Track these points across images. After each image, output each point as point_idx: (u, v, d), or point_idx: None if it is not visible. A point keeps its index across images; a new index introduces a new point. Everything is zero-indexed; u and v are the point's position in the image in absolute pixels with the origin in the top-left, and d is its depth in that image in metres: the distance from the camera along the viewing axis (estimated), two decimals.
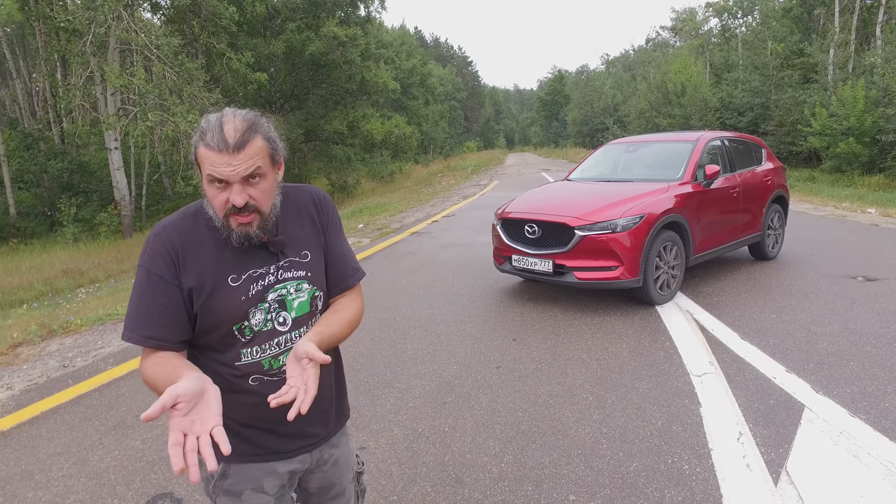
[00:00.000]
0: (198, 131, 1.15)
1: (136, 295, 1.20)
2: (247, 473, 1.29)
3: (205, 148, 1.12)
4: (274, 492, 1.32)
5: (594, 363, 3.79)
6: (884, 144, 16.61)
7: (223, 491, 1.29)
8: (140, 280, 1.20)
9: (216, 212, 1.18)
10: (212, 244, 1.21)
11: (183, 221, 1.23)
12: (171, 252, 1.18)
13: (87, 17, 13.45)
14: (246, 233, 1.18)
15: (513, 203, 5.68)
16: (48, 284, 10.04)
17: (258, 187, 1.17)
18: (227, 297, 1.19)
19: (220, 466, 1.28)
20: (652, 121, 34.03)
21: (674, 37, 48.84)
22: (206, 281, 1.19)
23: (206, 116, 1.16)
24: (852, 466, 2.49)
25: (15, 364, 4.31)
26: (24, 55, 26.29)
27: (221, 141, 1.11)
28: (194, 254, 1.20)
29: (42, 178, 19.19)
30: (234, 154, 1.11)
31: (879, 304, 4.79)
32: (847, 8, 21.83)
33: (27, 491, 2.60)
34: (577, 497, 2.38)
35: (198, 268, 1.19)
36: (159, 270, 1.18)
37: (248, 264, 1.23)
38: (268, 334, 1.24)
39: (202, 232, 1.22)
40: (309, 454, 1.37)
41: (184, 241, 1.20)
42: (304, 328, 1.30)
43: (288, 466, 1.33)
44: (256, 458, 1.29)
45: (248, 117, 1.17)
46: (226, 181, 1.13)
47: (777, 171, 6.79)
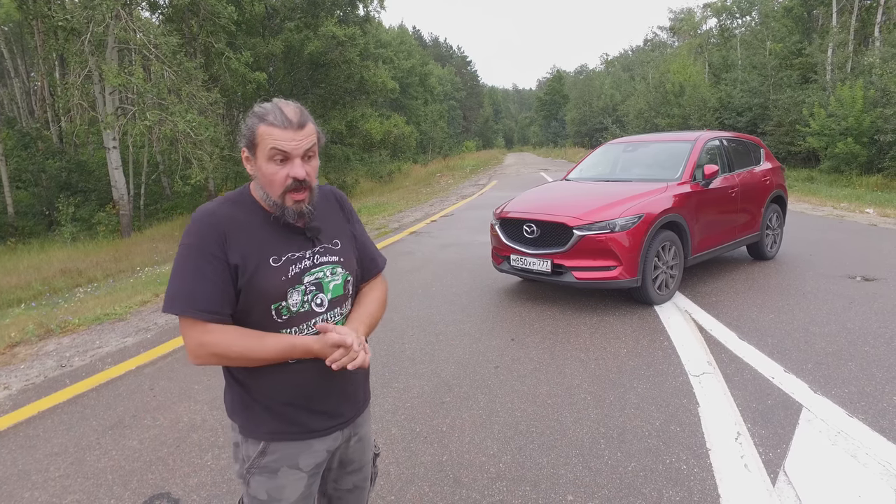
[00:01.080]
0: (252, 116, 1.27)
1: (186, 270, 1.25)
2: (284, 451, 1.36)
3: (268, 126, 1.24)
4: (309, 469, 1.39)
5: (592, 363, 3.79)
6: (882, 144, 16.63)
7: (260, 469, 1.36)
8: (190, 257, 1.25)
9: (273, 190, 1.28)
10: (254, 226, 1.30)
11: (226, 205, 1.33)
12: (219, 231, 1.26)
13: (86, 15, 13.43)
14: (300, 209, 1.30)
15: (511, 203, 5.68)
16: (46, 284, 10.03)
17: (311, 164, 1.30)
18: (268, 277, 1.27)
19: (260, 445, 1.35)
20: (651, 121, 34.05)
21: (672, 37, 48.87)
22: (249, 259, 1.27)
23: (259, 104, 1.29)
24: (850, 466, 2.49)
25: (12, 364, 4.30)
26: (22, 54, 26.24)
27: (286, 119, 1.24)
28: (238, 234, 1.28)
29: (40, 178, 19.17)
30: (298, 131, 1.25)
31: (878, 304, 4.79)
32: (846, 8, 21.86)
33: (24, 491, 2.59)
34: (574, 497, 2.38)
35: (242, 247, 1.27)
36: (209, 247, 1.25)
37: (288, 247, 1.32)
38: (305, 315, 1.32)
39: (245, 214, 1.31)
40: (341, 432, 1.45)
41: (229, 222, 1.28)
42: (338, 309, 1.39)
43: (323, 444, 1.41)
44: (294, 436, 1.36)
45: (299, 105, 1.31)
46: (288, 155, 1.25)
47: (775, 171, 6.80)
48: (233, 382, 1.38)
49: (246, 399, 1.36)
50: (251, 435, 1.36)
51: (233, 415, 1.41)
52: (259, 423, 1.35)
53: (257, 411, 1.35)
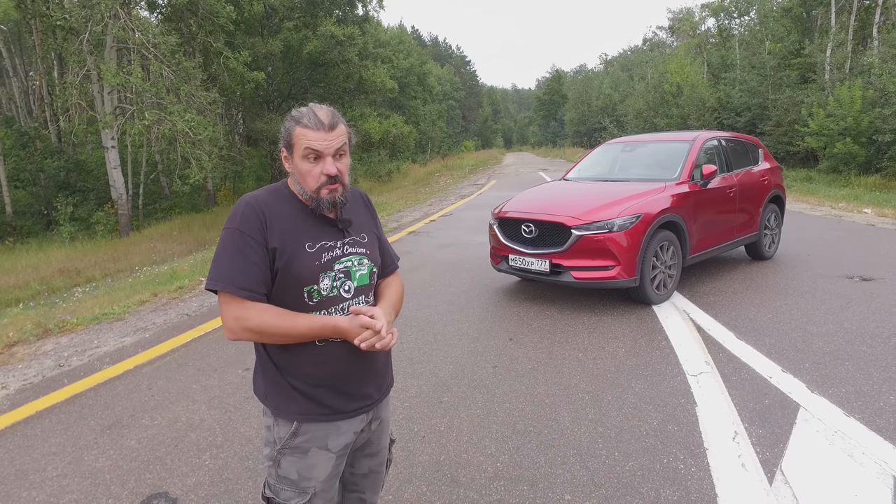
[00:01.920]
0: (289, 119, 1.40)
1: (228, 252, 1.37)
2: (314, 432, 1.45)
3: (303, 128, 1.37)
4: (337, 450, 1.48)
5: (590, 363, 3.79)
6: (880, 145, 16.65)
7: (291, 450, 1.45)
8: (232, 239, 1.37)
9: (308, 185, 1.40)
10: (292, 215, 1.42)
11: (267, 194, 1.45)
12: (260, 216, 1.38)
13: (84, 15, 13.41)
14: (333, 199, 1.41)
15: (510, 203, 5.68)
16: (44, 283, 10.01)
17: (342, 162, 1.43)
18: (303, 261, 1.39)
19: (293, 426, 1.44)
20: (650, 121, 34.08)
21: (671, 37, 48.88)
22: (287, 243, 1.38)
23: (296, 109, 1.42)
24: (847, 466, 2.50)
25: (10, 363, 4.30)
26: (20, 53, 26.20)
27: (318, 122, 1.37)
28: (277, 220, 1.40)
29: (38, 177, 19.15)
30: (329, 132, 1.38)
31: (875, 303, 4.80)
32: (844, 8, 21.88)
33: (21, 491, 2.59)
34: (572, 497, 2.38)
35: (281, 232, 1.39)
36: (251, 231, 1.37)
37: (321, 236, 1.44)
38: (334, 299, 1.43)
39: (283, 204, 1.43)
40: (366, 414, 1.54)
41: (270, 209, 1.40)
42: (363, 296, 1.50)
43: (351, 426, 1.50)
44: (324, 417, 1.45)
45: (332, 109, 1.43)
46: (321, 154, 1.38)
47: (774, 171, 6.81)
48: (267, 363, 1.47)
49: (279, 380, 1.45)
50: (283, 416, 1.45)
51: (265, 398, 1.48)
52: (290, 403, 1.44)
53: (289, 392, 1.44)
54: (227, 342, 4.43)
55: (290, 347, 1.42)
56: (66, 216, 16.53)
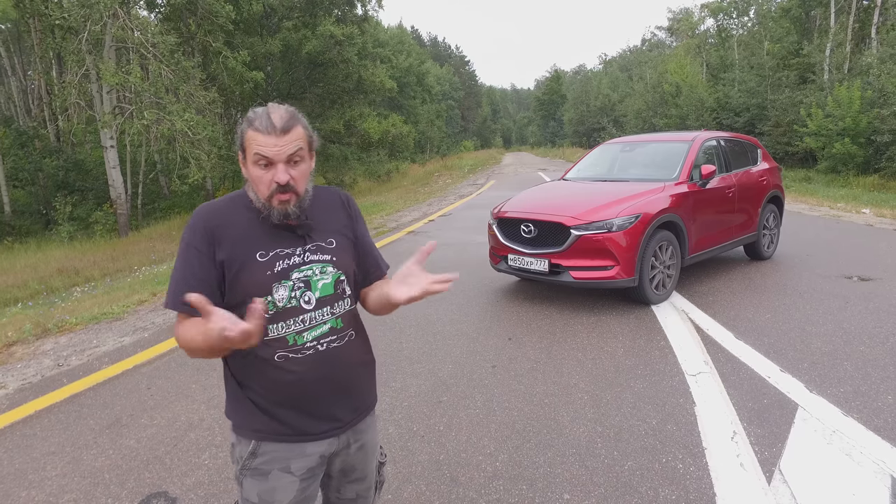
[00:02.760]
0: (244, 121, 1.31)
1: (177, 267, 1.33)
2: (276, 453, 1.36)
3: (253, 131, 1.27)
4: (300, 473, 1.37)
5: (589, 362, 3.80)
6: (879, 145, 16.68)
7: (251, 471, 1.36)
8: (181, 252, 1.33)
9: (260, 193, 1.31)
10: (246, 223, 1.35)
11: (222, 204, 1.39)
12: (209, 227, 1.32)
13: (83, 14, 13.39)
14: (285, 210, 1.31)
15: (509, 202, 5.68)
16: (43, 283, 10.00)
17: (298, 169, 1.31)
18: (254, 271, 1.31)
19: (251, 445, 1.36)
20: (649, 121, 34.11)
21: (670, 37, 48.90)
22: (237, 254, 1.31)
23: (253, 109, 1.32)
24: (845, 465, 2.50)
25: (9, 363, 4.30)
26: (19, 53, 26.17)
27: (270, 125, 1.26)
28: (229, 231, 1.33)
29: (37, 177, 19.13)
30: (281, 136, 1.27)
31: (873, 303, 4.81)
32: (843, 9, 21.91)
33: (21, 490, 2.59)
34: (571, 496, 2.39)
35: (231, 243, 1.32)
36: (197, 244, 1.31)
37: (277, 244, 1.35)
38: (292, 311, 1.33)
39: (239, 212, 1.36)
40: (336, 438, 1.42)
41: (221, 219, 1.34)
42: (328, 308, 1.38)
43: (317, 449, 1.39)
44: (286, 437, 1.36)
45: (290, 109, 1.33)
46: (271, 160, 1.27)
47: (772, 171, 6.82)
48: (229, 377, 1.40)
49: (239, 395, 1.38)
50: (241, 433, 1.38)
51: (228, 412, 1.42)
52: (249, 420, 1.36)
53: (248, 408, 1.36)
54: None
55: (248, 362, 1.33)
56: (64, 216, 16.52)
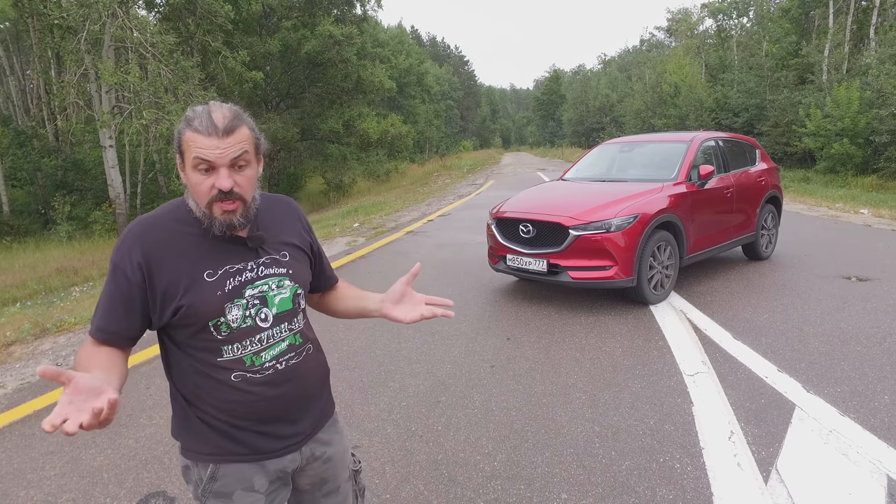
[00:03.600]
0: (182, 121, 1.17)
1: (104, 290, 1.21)
2: (236, 474, 1.27)
3: (192, 132, 1.14)
4: (264, 489, 1.30)
5: (588, 362, 3.80)
6: (877, 145, 16.71)
7: (213, 494, 1.27)
8: (109, 275, 1.20)
9: (199, 200, 1.18)
10: (189, 240, 1.21)
11: (162, 217, 1.24)
12: (143, 252, 1.17)
13: (82, 14, 13.38)
14: (230, 220, 1.19)
15: (508, 203, 5.69)
16: (42, 283, 10.01)
17: (243, 174, 1.18)
18: (202, 293, 1.18)
19: (210, 469, 1.27)
20: (648, 121, 34.14)
21: (669, 37, 48.93)
22: (181, 278, 1.18)
23: (192, 108, 1.18)
24: (842, 465, 2.51)
25: (8, 362, 4.30)
26: (17, 52, 26.13)
27: (211, 125, 1.13)
28: (168, 251, 1.19)
29: (36, 176, 19.11)
30: (223, 138, 1.14)
31: (871, 304, 4.82)
32: (842, 9, 21.94)
33: (19, 490, 2.60)
34: (569, 495, 2.40)
35: (172, 266, 1.18)
36: (125, 268, 1.17)
37: (226, 260, 1.22)
38: (248, 331, 1.23)
39: (177, 227, 1.22)
40: (298, 452, 1.36)
41: (157, 238, 1.20)
42: (286, 324, 1.29)
43: (277, 465, 1.32)
44: (244, 457, 1.27)
45: (234, 108, 1.19)
46: (213, 164, 1.14)
47: (771, 171, 6.83)
48: (176, 396, 1.28)
49: (189, 416, 1.27)
50: (194, 457, 1.28)
51: (176, 433, 1.30)
52: (203, 443, 1.26)
53: (201, 430, 1.26)
54: None
55: (201, 382, 1.23)
56: (63, 215, 16.50)
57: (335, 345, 4.30)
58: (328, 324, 4.82)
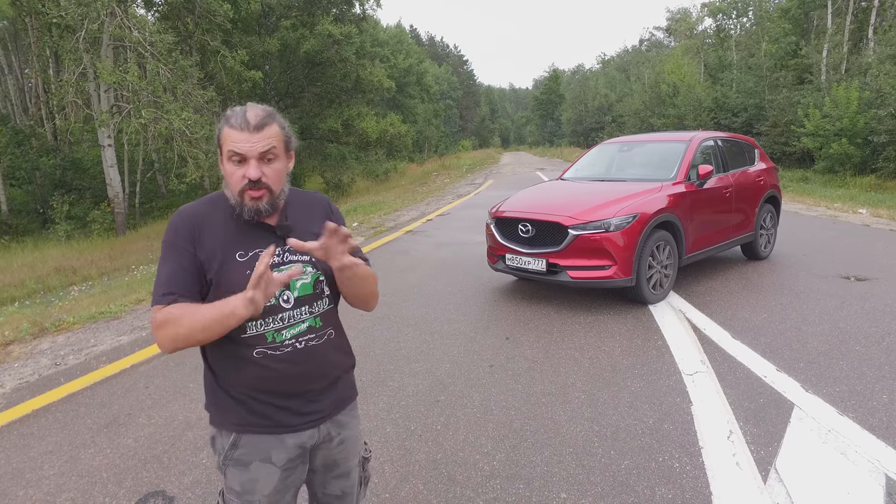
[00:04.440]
0: (222, 118, 1.35)
1: (160, 266, 1.36)
2: (255, 445, 1.39)
3: (228, 128, 1.32)
4: (282, 464, 1.41)
5: (587, 362, 3.81)
6: (876, 146, 16.73)
7: (233, 461, 1.40)
8: (164, 251, 1.36)
9: (232, 188, 1.34)
10: (225, 224, 1.38)
11: (202, 205, 1.42)
12: (189, 227, 1.36)
13: (80, 13, 13.36)
14: (256, 206, 1.34)
15: (507, 202, 5.69)
16: (40, 282, 9.99)
17: (271, 166, 1.34)
18: (234, 271, 1.33)
19: (232, 437, 1.39)
20: (647, 121, 34.15)
21: (668, 37, 48.96)
22: (216, 254, 1.34)
23: (231, 108, 1.36)
24: (840, 464, 2.52)
25: (7, 362, 4.29)
26: (16, 51, 26.08)
27: (244, 122, 1.30)
28: (209, 230, 1.36)
29: (34, 175, 19.09)
30: (254, 133, 1.30)
31: (869, 303, 4.83)
32: (841, 10, 21.97)
33: (18, 489, 2.59)
34: (568, 495, 2.40)
35: (210, 243, 1.35)
36: (179, 242, 1.35)
37: (256, 244, 1.36)
38: (271, 309, 1.36)
39: (217, 213, 1.39)
40: (316, 429, 1.45)
41: (201, 220, 1.37)
42: (306, 307, 1.41)
43: (296, 440, 1.42)
44: (264, 429, 1.39)
45: (268, 108, 1.36)
46: (244, 157, 1.31)
47: (769, 171, 6.84)
48: (207, 371, 1.44)
49: (216, 388, 1.41)
50: (220, 425, 1.42)
51: (207, 405, 1.45)
52: (228, 413, 1.40)
53: (226, 402, 1.40)
54: None
55: (228, 357, 1.37)
56: (62, 214, 16.48)
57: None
58: None
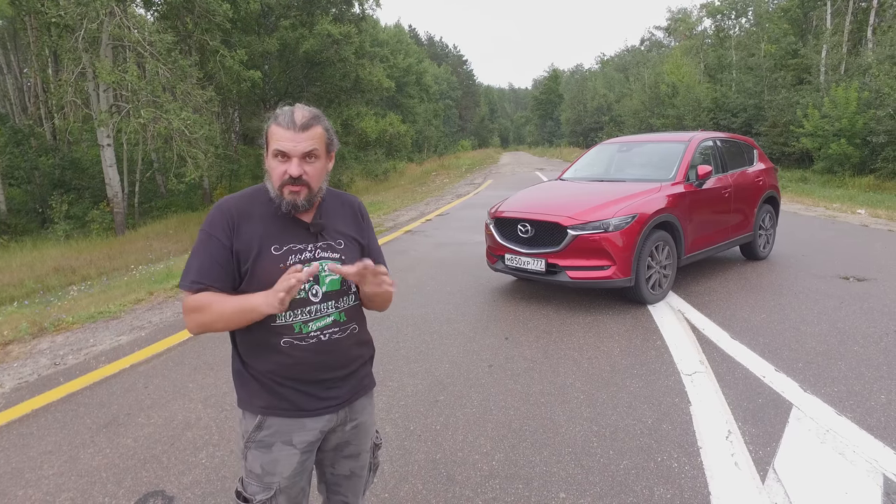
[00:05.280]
0: (271, 117, 1.42)
1: (194, 253, 1.43)
2: (278, 427, 1.47)
3: (276, 126, 1.39)
4: (302, 447, 1.49)
5: (586, 362, 3.81)
6: (874, 146, 16.75)
7: (255, 443, 1.47)
8: (200, 240, 1.44)
9: (274, 182, 1.41)
10: (263, 218, 1.44)
11: (241, 198, 1.48)
12: (228, 219, 1.42)
13: (79, 12, 13.35)
14: (294, 201, 1.41)
15: (506, 202, 5.70)
16: (39, 282, 9.98)
17: (312, 165, 1.41)
18: (268, 263, 1.40)
19: (257, 419, 1.47)
20: (646, 121, 34.17)
21: (668, 37, 48.99)
22: (252, 246, 1.41)
23: (281, 108, 1.42)
24: (838, 464, 2.53)
25: (6, 362, 4.29)
26: (15, 50, 26.05)
27: (291, 121, 1.38)
28: (246, 223, 1.43)
29: (33, 175, 19.07)
30: (299, 133, 1.37)
31: (867, 303, 4.84)
32: (839, 10, 21.99)
33: (17, 489, 2.59)
34: (567, 495, 2.40)
35: (248, 235, 1.42)
36: (215, 232, 1.42)
37: (291, 239, 1.44)
38: (301, 301, 1.43)
39: (256, 207, 1.46)
40: (335, 414, 1.53)
41: (239, 212, 1.44)
42: (333, 302, 1.49)
43: (316, 424, 1.50)
44: (287, 412, 1.47)
45: (314, 110, 1.44)
46: (288, 155, 1.38)
47: (768, 171, 6.85)
48: (236, 357, 1.53)
49: (244, 373, 1.50)
50: (247, 408, 1.50)
51: (236, 387, 1.54)
52: (254, 396, 1.48)
53: (253, 386, 1.48)
54: (224, 340, 4.42)
55: (256, 344, 1.46)
56: (61, 214, 16.46)
57: None
58: None
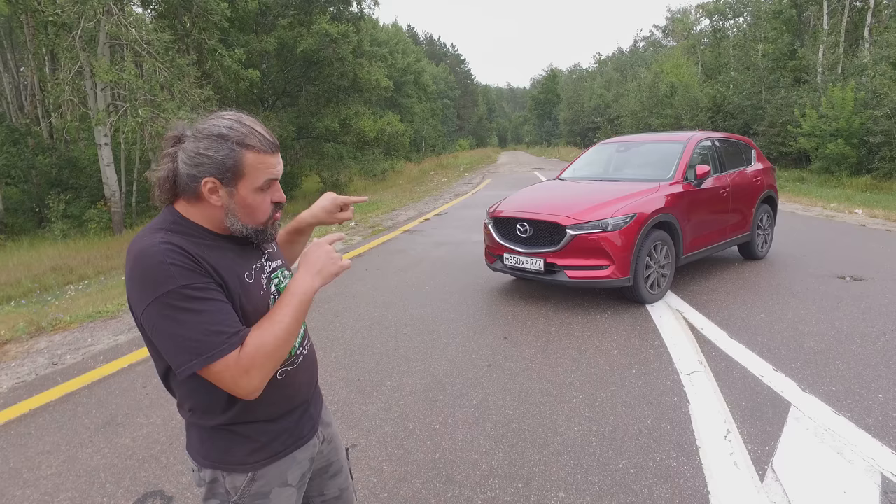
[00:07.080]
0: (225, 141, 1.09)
1: (190, 316, 1.04)
2: (273, 472, 1.28)
3: (257, 153, 1.11)
4: (296, 482, 1.34)
5: (584, 361, 3.82)
6: (871, 146, 16.81)
7: (250, 497, 1.25)
8: (184, 299, 1.04)
9: (257, 219, 1.17)
10: (215, 250, 1.15)
11: (180, 237, 1.12)
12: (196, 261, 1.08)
13: (76, 11, 13.30)
14: (276, 229, 1.26)
15: (505, 202, 5.70)
16: (36, 281, 9.94)
17: None
18: (250, 294, 1.18)
19: (248, 475, 1.24)
20: (644, 121, 34.23)
21: (666, 37, 49.06)
22: (232, 283, 1.14)
23: (228, 126, 1.11)
24: (836, 463, 2.53)
25: (3, 362, 4.28)
26: (11, 49, 25.95)
27: (270, 142, 1.13)
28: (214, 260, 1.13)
29: (30, 174, 18.99)
30: (278, 152, 1.16)
31: (865, 303, 4.85)
32: (836, 10, 22.04)
33: (15, 489, 2.59)
34: (566, 494, 2.40)
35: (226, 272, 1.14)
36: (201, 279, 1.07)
37: (249, 261, 1.22)
38: None
39: (202, 240, 1.15)
40: (317, 435, 1.40)
41: (200, 251, 1.11)
42: None
43: (305, 453, 1.35)
44: (281, 454, 1.28)
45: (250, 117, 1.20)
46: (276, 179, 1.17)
47: (766, 171, 6.86)
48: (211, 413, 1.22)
49: (228, 436, 1.23)
50: (232, 469, 1.23)
51: (205, 457, 1.25)
52: (246, 455, 1.23)
53: (245, 445, 1.23)
54: None
55: None
56: (58, 213, 16.40)
57: (332, 344, 4.30)
58: (325, 323, 4.82)
